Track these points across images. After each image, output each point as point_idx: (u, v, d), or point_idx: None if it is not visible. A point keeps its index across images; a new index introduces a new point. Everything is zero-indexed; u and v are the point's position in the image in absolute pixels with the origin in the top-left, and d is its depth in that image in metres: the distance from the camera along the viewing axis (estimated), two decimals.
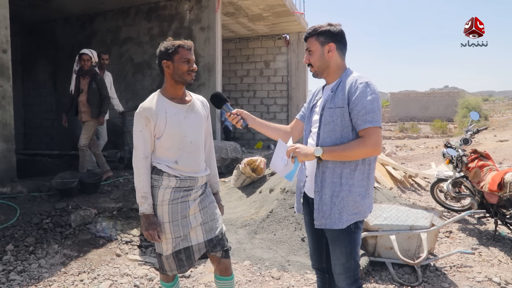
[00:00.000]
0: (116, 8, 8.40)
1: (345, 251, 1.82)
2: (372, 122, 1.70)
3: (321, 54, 1.87)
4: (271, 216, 3.93)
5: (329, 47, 1.86)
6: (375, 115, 1.70)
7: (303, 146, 1.79)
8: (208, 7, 7.53)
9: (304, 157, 1.76)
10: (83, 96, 5.50)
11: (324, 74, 1.91)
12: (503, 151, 10.04)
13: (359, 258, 1.89)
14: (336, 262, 1.85)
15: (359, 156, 1.75)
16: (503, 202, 3.80)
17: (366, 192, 1.82)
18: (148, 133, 1.94)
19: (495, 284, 3.03)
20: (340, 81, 1.85)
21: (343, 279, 1.85)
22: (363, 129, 1.71)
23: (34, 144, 9.71)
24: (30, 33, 9.61)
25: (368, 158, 1.80)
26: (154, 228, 1.93)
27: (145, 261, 3.37)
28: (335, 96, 1.81)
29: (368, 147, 1.70)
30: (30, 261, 3.27)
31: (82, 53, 5.48)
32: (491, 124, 18.33)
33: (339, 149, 1.74)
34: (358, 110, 1.71)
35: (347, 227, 1.79)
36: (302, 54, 11.01)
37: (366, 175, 1.81)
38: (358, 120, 1.72)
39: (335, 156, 1.75)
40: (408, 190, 6.26)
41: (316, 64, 1.89)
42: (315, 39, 1.87)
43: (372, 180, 1.86)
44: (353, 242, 1.82)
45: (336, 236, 1.83)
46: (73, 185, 4.83)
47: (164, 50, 1.94)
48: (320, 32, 1.86)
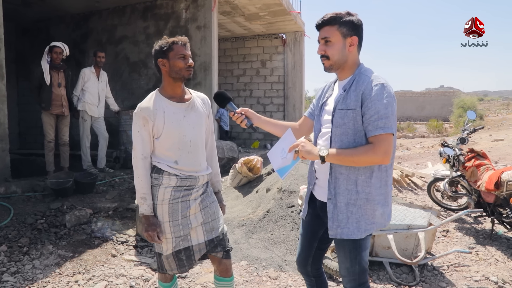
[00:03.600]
0: (112, 6, 8.34)
1: (350, 256, 1.74)
2: (384, 128, 1.56)
3: (342, 47, 1.70)
4: (268, 216, 3.91)
5: (351, 41, 1.70)
6: (388, 121, 1.57)
7: (309, 144, 1.67)
8: (205, 6, 7.49)
9: (307, 155, 1.63)
10: (63, 90, 5.51)
11: (339, 69, 1.75)
12: (498, 150, 10.07)
13: (367, 263, 1.78)
14: (341, 265, 1.81)
15: (366, 163, 1.63)
16: (500, 201, 3.80)
17: (386, 200, 1.72)
18: (147, 133, 1.91)
19: (493, 283, 3.03)
20: (353, 79, 1.70)
21: (347, 281, 1.81)
22: (374, 136, 1.58)
23: (29, 143, 9.64)
24: (25, 32, 9.53)
25: (384, 165, 1.68)
26: (153, 229, 1.90)
27: (141, 261, 3.34)
28: (347, 96, 1.68)
29: (378, 155, 1.57)
30: (24, 262, 3.23)
31: (54, 45, 5.37)
32: (486, 124, 18.41)
33: (346, 153, 1.62)
34: (371, 114, 1.58)
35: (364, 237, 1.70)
36: (299, 53, 11.01)
37: (384, 183, 1.70)
38: (369, 125, 1.59)
39: (340, 160, 1.63)
40: (405, 190, 6.26)
41: (334, 58, 1.71)
42: (337, 28, 1.68)
43: (390, 187, 1.75)
44: (358, 248, 1.73)
45: (341, 242, 1.75)
46: (68, 185, 4.78)
47: (159, 49, 1.91)
48: (344, 22, 1.68)
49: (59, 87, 5.45)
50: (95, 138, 6.24)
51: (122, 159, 6.75)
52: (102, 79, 6.16)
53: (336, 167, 1.70)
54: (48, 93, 5.36)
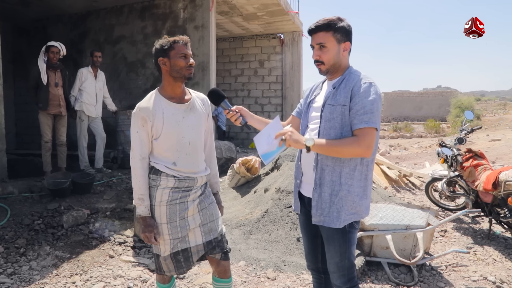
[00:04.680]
0: (109, 6, 8.32)
1: (339, 250, 1.81)
2: (368, 122, 1.65)
3: (336, 53, 1.77)
4: (266, 216, 3.90)
5: (345, 46, 1.78)
6: (373, 116, 1.66)
7: (296, 133, 1.71)
8: (202, 6, 7.47)
9: (294, 143, 1.67)
10: (61, 90, 5.48)
11: (334, 72, 1.82)
12: (495, 150, 10.11)
13: (354, 257, 1.87)
14: (331, 260, 1.85)
15: (349, 155, 1.70)
16: (498, 201, 3.81)
17: (364, 193, 1.81)
18: (145, 134, 1.89)
19: (491, 283, 3.03)
20: (343, 78, 1.79)
21: (337, 277, 1.86)
22: (358, 129, 1.67)
23: (26, 143, 9.59)
24: (22, 32, 9.48)
25: (366, 159, 1.77)
26: (150, 230, 1.89)
27: (138, 262, 3.32)
28: (337, 93, 1.77)
29: (361, 147, 1.65)
30: (21, 263, 3.21)
31: (51, 45, 5.36)
32: (483, 124, 18.46)
33: (331, 144, 1.68)
34: (357, 109, 1.67)
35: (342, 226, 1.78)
36: (297, 53, 11.00)
37: (364, 176, 1.79)
38: (355, 119, 1.68)
39: (325, 150, 1.69)
40: (402, 190, 6.27)
41: (330, 63, 1.78)
42: (332, 35, 1.75)
43: (370, 181, 1.83)
44: (347, 242, 1.81)
45: (331, 235, 1.81)
46: (65, 185, 4.76)
47: (160, 47, 1.90)
48: (338, 28, 1.75)
49: (56, 87, 5.43)
50: (92, 138, 6.22)
51: (120, 159, 6.73)
52: (99, 79, 6.14)
53: (322, 160, 1.78)
54: (45, 93, 5.33)
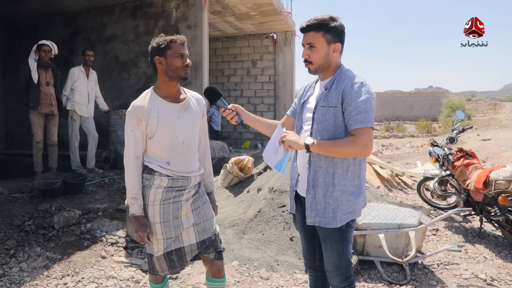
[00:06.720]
0: (101, 5, 8.23)
1: (337, 249, 1.81)
2: (363, 122, 1.65)
3: (326, 53, 1.77)
4: (259, 216, 3.90)
5: (335, 47, 1.76)
6: (367, 115, 1.66)
7: (294, 133, 1.74)
8: (195, 5, 7.44)
9: (292, 144, 1.70)
10: (52, 89, 5.42)
11: (323, 72, 1.82)
12: (486, 150, 10.23)
13: (351, 256, 1.88)
14: (328, 260, 1.85)
15: (348, 154, 1.70)
16: (488, 200, 3.85)
17: (359, 190, 1.81)
18: (140, 133, 1.88)
19: (481, 280, 3.07)
20: (334, 78, 1.78)
21: (334, 276, 1.86)
22: (354, 129, 1.67)
23: (16, 143, 9.47)
24: (11, 30, 9.35)
25: (359, 158, 1.78)
26: (144, 230, 1.87)
27: (131, 263, 3.30)
28: (328, 94, 1.76)
29: (359, 147, 1.65)
30: (11, 264, 3.16)
31: (42, 44, 5.28)
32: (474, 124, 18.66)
33: (329, 144, 1.69)
34: (351, 110, 1.67)
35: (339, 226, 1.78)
36: (290, 53, 11.01)
37: (357, 175, 1.80)
38: (350, 120, 1.68)
39: (324, 150, 1.70)
40: (394, 189, 6.31)
41: (318, 63, 1.78)
42: (322, 35, 1.74)
43: (363, 178, 1.84)
44: (344, 241, 1.82)
45: (327, 235, 1.81)
46: (56, 185, 4.70)
47: (156, 46, 1.88)
48: (329, 29, 1.73)
49: (48, 86, 5.36)
50: (84, 138, 6.15)
51: (112, 159, 6.67)
52: (91, 78, 6.08)
53: (315, 161, 1.79)
54: (36, 92, 5.26)
